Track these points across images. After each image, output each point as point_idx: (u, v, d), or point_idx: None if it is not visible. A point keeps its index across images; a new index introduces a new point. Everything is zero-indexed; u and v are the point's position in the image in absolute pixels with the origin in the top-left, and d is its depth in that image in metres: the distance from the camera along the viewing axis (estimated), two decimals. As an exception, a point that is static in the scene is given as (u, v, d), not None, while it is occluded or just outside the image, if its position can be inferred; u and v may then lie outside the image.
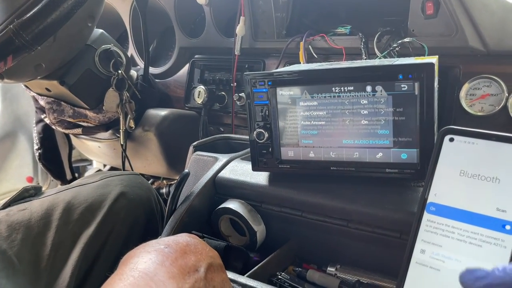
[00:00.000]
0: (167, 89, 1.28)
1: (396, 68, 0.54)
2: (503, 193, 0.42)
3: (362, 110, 0.57)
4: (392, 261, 0.50)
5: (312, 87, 0.59)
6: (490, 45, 0.77)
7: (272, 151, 0.64)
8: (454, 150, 0.46)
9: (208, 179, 0.70)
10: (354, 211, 0.58)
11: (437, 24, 0.79)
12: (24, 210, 0.76)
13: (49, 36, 0.81)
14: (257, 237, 0.64)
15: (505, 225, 0.41)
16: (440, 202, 0.45)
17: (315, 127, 0.61)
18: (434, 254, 0.44)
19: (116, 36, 1.44)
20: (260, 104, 0.63)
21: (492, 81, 0.78)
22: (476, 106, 0.80)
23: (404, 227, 0.52)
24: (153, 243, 0.46)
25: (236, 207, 0.65)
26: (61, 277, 0.72)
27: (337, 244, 0.61)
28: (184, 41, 1.20)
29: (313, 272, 0.60)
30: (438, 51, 0.77)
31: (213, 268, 0.46)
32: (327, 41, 0.93)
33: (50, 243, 0.73)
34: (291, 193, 0.63)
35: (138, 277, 0.40)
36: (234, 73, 1.07)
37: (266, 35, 1.05)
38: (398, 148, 0.57)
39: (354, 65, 0.61)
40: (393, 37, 0.85)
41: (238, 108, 1.11)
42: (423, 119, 0.54)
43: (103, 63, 1.06)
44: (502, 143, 0.43)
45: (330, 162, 0.61)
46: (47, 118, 1.19)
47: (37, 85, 1.07)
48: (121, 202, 0.78)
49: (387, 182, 0.59)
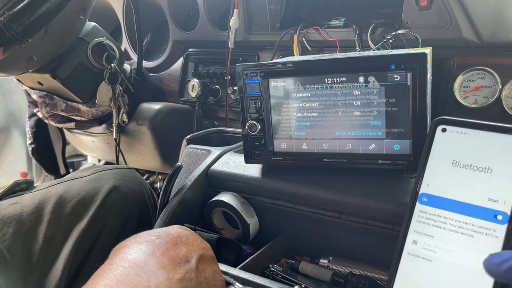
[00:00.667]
0: (161, 83, 1.27)
1: (389, 58, 0.54)
2: (495, 183, 0.42)
3: (354, 101, 0.57)
4: (385, 252, 0.49)
5: (304, 78, 0.59)
6: (484, 37, 0.77)
7: (264, 143, 0.64)
8: (446, 140, 0.45)
9: (201, 172, 0.69)
10: (346, 202, 0.57)
11: (431, 15, 0.79)
12: (16, 204, 0.75)
13: (40, 28, 0.81)
14: (250, 230, 0.64)
15: (497, 215, 0.41)
16: (432, 193, 0.45)
17: (308, 119, 0.60)
18: (426, 244, 0.43)
19: (110, 30, 1.43)
20: (253, 95, 0.62)
21: (486, 73, 0.78)
22: (470, 98, 0.80)
23: (396, 218, 0.52)
24: (144, 234, 0.46)
25: (229, 200, 0.65)
26: (53, 271, 0.71)
27: (330, 236, 0.61)
28: (178, 35, 1.20)
29: (305, 264, 0.60)
30: (432, 43, 0.77)
31: (204, 260, 0.46)
32: (321, 34, 0.92)
33: (42, 237, 0.72)
34: (284, 185, 0.62)
35: (128, 267, 0.39)
36: (228, 66, 1.07)
37: (260, 28, 1.04)
38: (391, 139, 0.57)
39: (347, 56, 0.60)
40: (387, 29, 0.85)
41: (232, 101, 1.10)
42: (416, 110, 0.54)
43: (96, 57, 1.05)
44: (494, 133, 0.43)
45: (323, 154, 0.61)
46: (39, 112, 1.18)
47: (29, 78, 1.06)
48: (114, 196, 0.78)
49: (380, 174, 0.59)
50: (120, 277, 0.38)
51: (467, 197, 0.43)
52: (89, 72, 1.05)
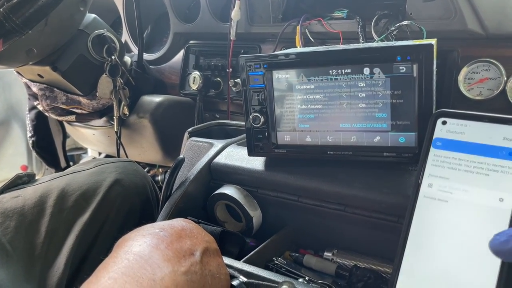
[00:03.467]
0: (162, 76, 1.26)
1: (395, 49, 0.53)
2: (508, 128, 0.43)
3: (359, 93, 0.56)
4: (390, 245, 0.49)
5: (308, 70, 0.58)
6: (489, 29, 0.76)
7: (268, 135, 0.63)
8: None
9: (203, 164, 0.69)
10: (351, 195, 0.57)
11: (436, 7, 0.78)
12: (17, 197, 0.75)
13: (40, 20, 0.80)
14: (253, 223, 0.64)
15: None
16: (447, 137, 0.45)
17: (312, 111, 0.60)
18: (441, 186, 0.44)
19: (110, 22, 1.42)
20: (256, 87, 0.62)
21: (491, 65, 0.77)
22: (475, 90, 0.79)
23: (401, 211, 0.52)
24: (148, 227, 0.45)
25: (232, 193, 0.64)
26: (55, 264, 0.71)
27: (334, 229, 0.61)
28: (179, 27, 1.18)
29: (310, 257, 0.59)
30: (437, 34, 0.76)
31: (209, 253, 0.46)
32: (324, 25, 0.92)
33: (44, 231, 0.72)
34: (287, 178, 0.62)
35: (133, 260, 0.39)
36: (229, 59, 1.06)
37: (262, 20, 1.03)
38: (396, 132, 0.56)
39: (352, 47, 0.60)
40: (391, 20, 0.84)
41: (233, 94, 1.09)
42: (422, 102, 0.53)
43: (96, 49, 1.04)
44: (495, 124, 0.43)
45: (327, 147, 0.60)
46: (39, 105, 1.17)
47: (29, 71, 1.06)
48: (116, 189, 0.77)
49: (385, 166, 0.58)
50: (125, 270, 0.38)
51: (481, 139, 0.44)
52: (90, 64, 1.04)
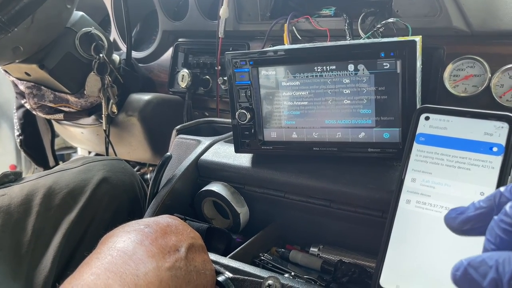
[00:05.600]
0: (151, 74, 1.26)
1: (378, 46, 0.54)
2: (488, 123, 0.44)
3: (344, 89, 0.57)
4: (374, 240, 0.49)
5: (294, 66, 0.58)
6: (474, 26, 0.77)
7: (254, 132, 0.63)
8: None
9: (190, 161, 0.69)
10: (336, 191, 0.57)
11: (421, 4, 0.79)
12: (3, 196, 0.74)
13: (26, 17, 0.79)
14: (241, 219, 0.64)
15: (492, 147, 0.43)
16: (430, 132, 0.46)
17: (298, 108, 0.60)
18: (424, 181, 0.45)
19: (99, 20, 1.41)
20: (242, 84, 0.62)
21: (475, 62, 0.78)
22: (460, 87, 0.80)
23: (385, 206, 0.52)
24: (132, 224, 0.45)
25: (219, 190, 0.64)
26: (42, 263, 0.70)
27: (320, 225, 0.61)
28: (167, 25, 1.18)
29: (296, 253, 0.60)
30: (422, 32, 0.77)
31: (194, 249, 0.46)
32: (311, 23, 0.92)
33: (30, 229, 0.72)
34: (274, 175, 0.62)
35: (117, 256, 0.39)
36: (218, 57, 1.06)
37: (250, 17, 1.03)
38: (381, 128, 0.57)
39: (336, 44, 0.60)
40: (377, 18, 0.85)
41: (223, 92, 1.09)
42: (405, 98, 0.54)
43: (84, 47, 1.03)
44: (476, 119, 0.44)
45: (312, 143, 0.61)
46: (27, 103, 1.16)
47: (16, 69, 1.05)
48: (103, 187, 0.77)
49: (370, 162, 0.59)
50: (108, 265, 0.38)
51: (463, 134, 0.45)
52: (77, 62, 1.04)
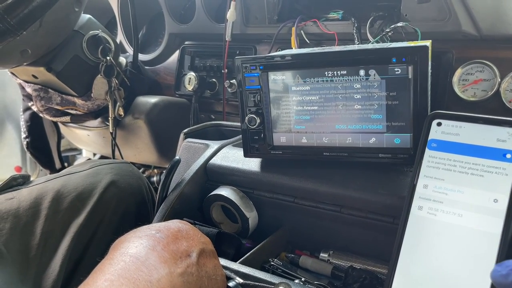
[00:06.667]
0: (157, 76, 1.26)
1: (390, 51, 0.54)
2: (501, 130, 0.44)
3: (355, 94, 0.57)
4: (385, 246, 0.49)
5: (304, 71, 0.58)
6: (483, 30, 0.77)
7: (264, 137, 0.63)
8: None
9: (199, 166, 0.69)
10: (346, 196, 0.57)
11: (430, 8, 0.78)
12: (12, 199, 0.75)
13: (35, 21, 0.79)
14: (249, 224, 0.64)
15: (506, 154, 0.42)
16: (442, 138, 0.46)
17: (308, 112, 0.60)
18: (436, 187, 0.45)
19: (105, 23, 1.41)
20: (252, 89, 0.62)
21: (485, 66, 0.78)
22: (469, 92, 0.80)
23: (396, 212, 0.52)
24: (144, 229, 0.45)
25: (228, 194, 0.64)
26: (50, 266, 0.70)
27: (330, 230, 0.61)
28: (174, 27, 1.18)
29: (305, 258, 0.60)
30: (431, 36, 0.76)
31: (205, 254, 0.46)
32: (319, 26, 0.92)
33: (39, 233, 0.72)
34: (283, 179, 0.62)
35: (129, 262, 0.39)
36: (225, 60, 1.06)
37: (258, 21, 1.03)
38: (391, 133, 0.56)
39: (347, 48, 0.60)
40: (386, 22, 0.84)
41: (229, 95, 1.09)
42: (417, 103, 0.54)
43: (91, 49, 1.04)
44: (489, 125, 0.44)
45: (322, 148, 0.61)
46: (34, 106, 1.17)
47: (24, 71, 1.05)
48: (111, 191, 0.77)
49: (380, 167, 0.59)
50: (122, 271, 0.38)
51: (476, 140, 0.44)
52: (85, 65, 1.04)
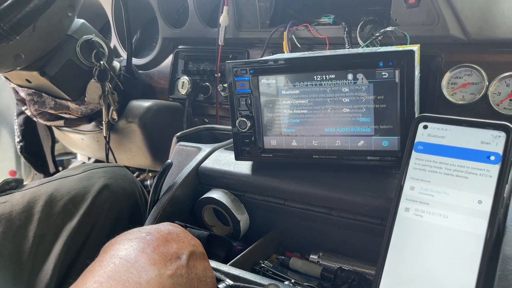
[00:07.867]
0: (151, 80, 1.27)
1: (377, 55, 0.55)
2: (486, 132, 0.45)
3: (343, 98, 0.57)
4: (374, 247, 0.50)
5: (294, 75, 0.59)
6: (471, 34, 0.78)
7: (254, 140, 0.64)
8: None
9: (191, 169, 0.70)
10: (336, 198, 0.58)
11: (419, 13, 0.80)
12: (5, 203, 0.75)
13: (28, 26, 0.80)
14: (241, 226, 0.64)
15: (490, 156, 0.44)
16: (428, 141, 0.47)
17: (297, 116, 0.61)
18: (423, 189, 0.46)
19: (99, 27, 1.42)
20: (242, 93, 0.62)
21: (473, 70, 0.79)
22: (458, 95, 0.81)
23: (384, 214, 0.53)
24: (134, 231, 0.46)
25: (219, 197, 0.65)
26: (43, 270, 0.71)
27: (320, 232, 0.62)
28: (168, 32, 1.19)
29: (296, 260, 0.60)
30: (420, 40, 0.78)
31: (195, 256, 0.46)
32: (310, 31, 0.93)
33: (32, 236, 0.72)
34: (274, 182, 0.63)
35: (119, 264, 0.39)
36: (218, 64, 1.07)
37: (250, 25, 1.04)
38: (379, 136, 0.57)
39: (336, 53, 0.61)
40: (376, 26, 0.86)
41: (222, 98, 1.10)
42: (404, 107, 0.55)
43: (85, 54, 1.04)
44: (473, 128, 0.45)
45: (312, 151, 0.61)
46: (28, 110, 1.17)
47: (17, 76, 1.05)
48: (104, 194, 0.77)
49: (369, 170, 0.59)
50: (111, 273, 0.38)
51: (460, 143, 0.46)
52: (78, 69, 1.04)
